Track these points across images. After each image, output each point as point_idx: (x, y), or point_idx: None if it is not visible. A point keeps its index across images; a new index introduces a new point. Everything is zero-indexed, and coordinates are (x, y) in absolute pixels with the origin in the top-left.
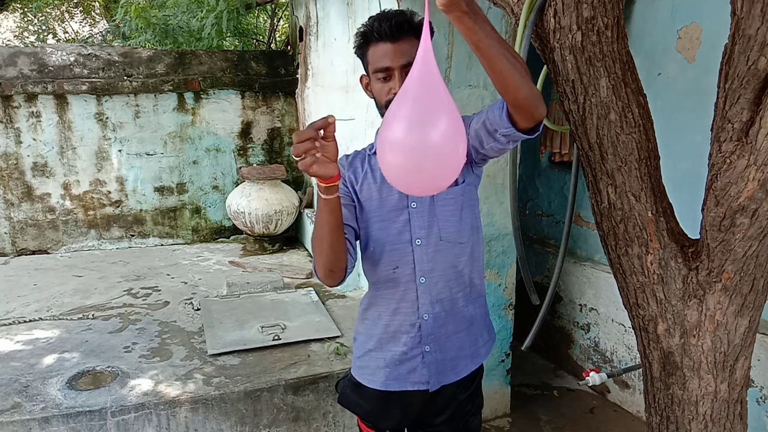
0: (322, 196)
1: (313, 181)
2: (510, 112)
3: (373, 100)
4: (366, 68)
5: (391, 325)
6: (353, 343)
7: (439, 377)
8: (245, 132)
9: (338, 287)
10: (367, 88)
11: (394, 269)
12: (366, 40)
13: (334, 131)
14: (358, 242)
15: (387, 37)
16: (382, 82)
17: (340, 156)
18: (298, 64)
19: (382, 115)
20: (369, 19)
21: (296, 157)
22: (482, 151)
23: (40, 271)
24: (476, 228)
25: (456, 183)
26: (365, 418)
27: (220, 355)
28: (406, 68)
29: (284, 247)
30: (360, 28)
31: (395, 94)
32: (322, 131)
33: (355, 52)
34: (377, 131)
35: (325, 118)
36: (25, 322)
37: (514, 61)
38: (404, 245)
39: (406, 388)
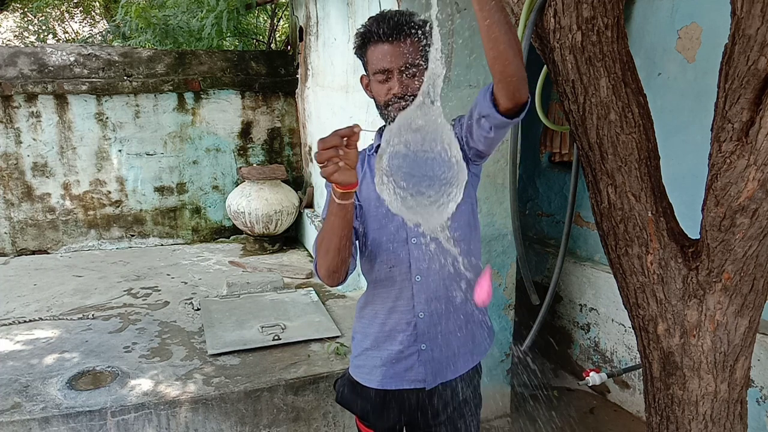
0: (338, 201)
1: (314, 181)
2: (494, 91)
3: (373, 99)
4: (366, 69)
5: (387, 323)
6: (351, 342)
7: (436, 375)
8: (245, 132)
9: (338, 287)
10: (367, 88)
11: (391, 268)
12: (365, 40)
13: (358, 140)
14: (358, 241)
15: (386, 38)
16: (382, 82)
17: None
18: (298, 64)
19: (382, 115)
20: (368, 19)
21: (319, 164)
22: (473, 145)
23: (40, 271)
24: (473, 226)
25: None
26: (363, 418)
27: (220, 355)
28: (405, 69)
29: (284, 247)
30: (359, 28)
31: (394, 94)
32: (345, 139)
33: (355, 53)
34: (378, 130)
35: (350, 126)
36: (25, 322)
37: (511, 35)
38: (400, 244)
39: (403, 386)
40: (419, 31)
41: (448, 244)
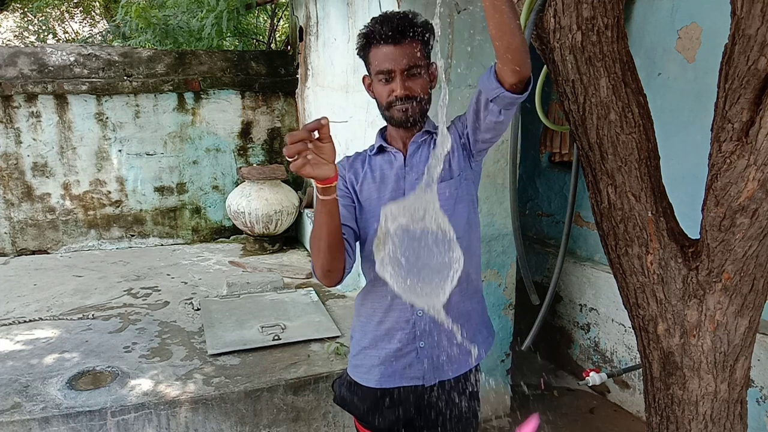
0: (320, 196)
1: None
2: (497, 69)
3: (375, 100)
4: (368, 69)
5: (385, 321)
6: (350, 342)
7: (435, 372)
8: (245, 132)
9: (338, 287)
10: (369, 88)
11: None
12: (368, 41)
13: (329, 132)
14: (357, 242)
15: (389, 39)
16: (384, 84)
17: (341, 158)
18: (298, 64)
19: (384, 116)
20: (371, 20)
21: (288, 158)
22: (479, 136)
23: (40, 271)
24: (472, 223)
25: (451, 176)
26: (361, 418)
27: (220, 355)
28: (407, 71)
29: (284, 247)
30: (362, 29)
31: (396, 96)
32: (316, 133)
33: (358, 54)
34: (379, 131)
35: (318, 119)
36: (25, 322)
37: (513, 9)
38: None
39: (401, 384)
40: (422, 33)
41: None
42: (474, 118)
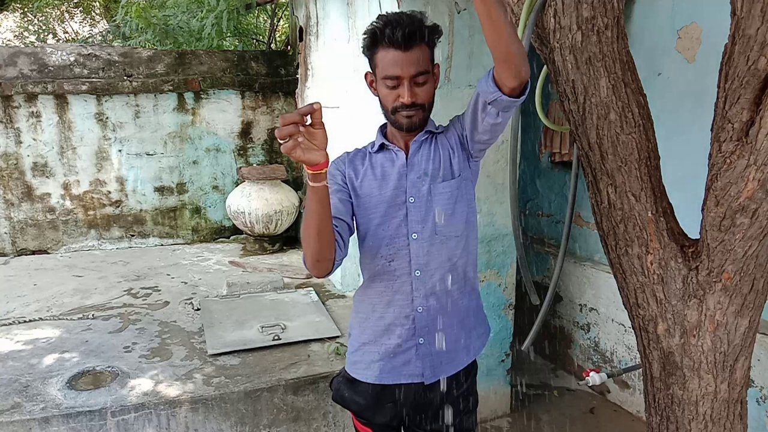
0: (310, 183)
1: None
2: (496, 74)
3: (376, 98)
4: (372, 68)
5: (385, 317)
6: (348, 339)
7: (434, 370)
8: (245, 132)
9: (338, 287)
10: (371, 85)
11: (390, 262)
12: (376, 41)
13: (321, 118)
14: (355, 237)
15: (399, 44)
16: (390, 88)
17: (341, 154)
18: (298, 64)
19: (388, 118)
20: (380, 18)
21: (280, 140)
22: (477, 138)
23: (40, 271)
24: (471, 222)
25: (452, 176)
26: (359, 415)
27: (220, 355)
28: (415, 77)
29: (284, 247)
30: (370, 26)
31: (403, 102)
32: (309, 118)
33: (363, 51)
34: (379, 128)
35: (310, 104)
36: (25, 322)
37: (509, 19)
38: (401, 239)
39: (401, 381)
40: (430, 38)
41: (447, 240)
42: (472, 120)
